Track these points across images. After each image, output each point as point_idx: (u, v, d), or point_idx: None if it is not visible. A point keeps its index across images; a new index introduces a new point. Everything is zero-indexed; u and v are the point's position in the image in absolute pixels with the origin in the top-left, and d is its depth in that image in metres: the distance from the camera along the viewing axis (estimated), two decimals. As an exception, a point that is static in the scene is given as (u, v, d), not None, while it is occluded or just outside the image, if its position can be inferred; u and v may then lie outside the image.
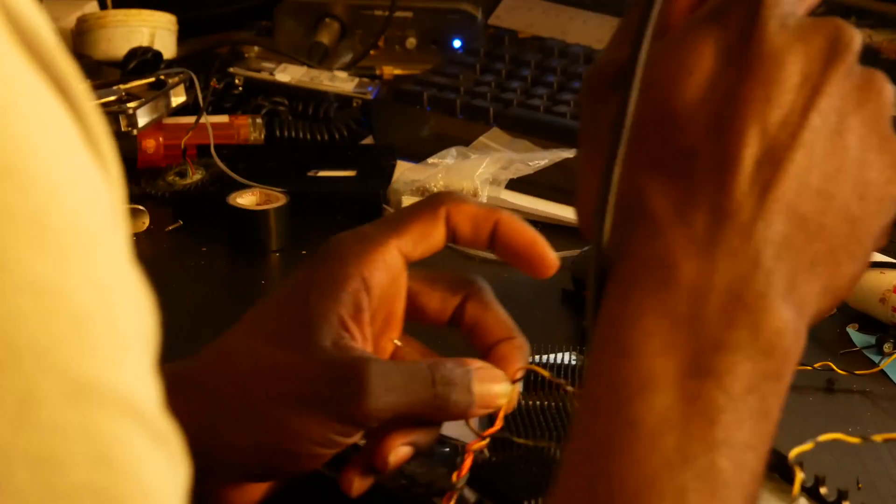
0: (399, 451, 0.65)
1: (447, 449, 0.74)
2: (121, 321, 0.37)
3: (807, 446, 0.68)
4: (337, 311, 0.64)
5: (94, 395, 0.35)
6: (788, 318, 0.47)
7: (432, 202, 0.68)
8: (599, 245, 0.48)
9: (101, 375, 0.36)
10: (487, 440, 0.67)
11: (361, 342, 0.65)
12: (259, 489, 0.67)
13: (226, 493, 0.66)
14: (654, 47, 0.48)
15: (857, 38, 0.49)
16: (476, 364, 0.66)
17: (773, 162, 0.47)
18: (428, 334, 0.71)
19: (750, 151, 0.47)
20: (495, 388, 0.65)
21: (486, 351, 0.69)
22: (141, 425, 0.37)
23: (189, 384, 0.65)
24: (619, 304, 0.48)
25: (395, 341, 0.70)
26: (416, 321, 0.71)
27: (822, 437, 0.69)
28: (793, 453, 0.67)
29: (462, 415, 0.65)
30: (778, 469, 0.72)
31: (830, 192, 0.48)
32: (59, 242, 0.35)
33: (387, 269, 0.66)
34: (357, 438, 0.65)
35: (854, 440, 0.70)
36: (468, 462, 0.66)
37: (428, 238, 0.67)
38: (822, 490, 0.69)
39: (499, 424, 0.67)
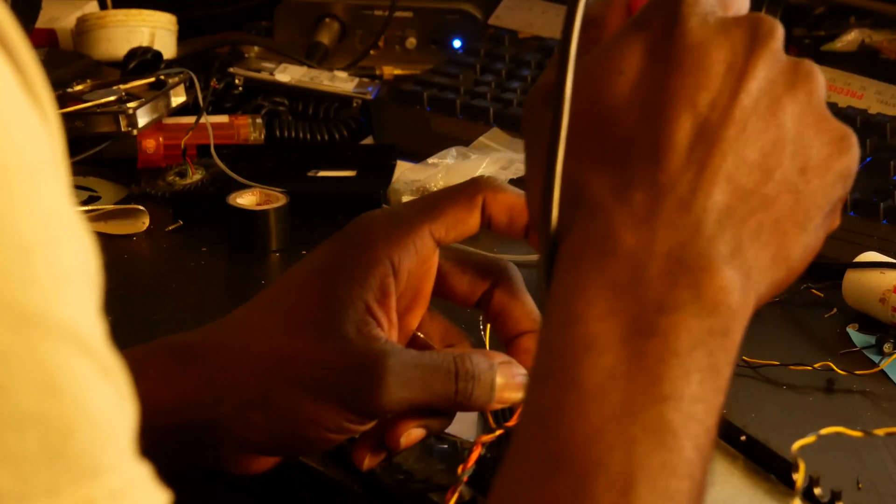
0: (412, 433, 0.66)
1: (445, 445, 0.74)
2: (62, 256, 0.38)
3: (808, 439, 0.68)
4: (363, 296, 0.64)
5: (38, 324, 0.36)
6: (733, 278, 0.49)
7: (470, 187, 0.68)
8: (547, 228, 0.51)
9: (44, 305, 0.37)
10: (501, 431, 0.67)
11: (387, 328, 0.65)
12: (272, 459, 0.68)
13: (240, 461, 0.67)
14: (584, 58, 0.52)
15: (777, 27, 0.52)
16: (499, 358, 0.66)
17: (707, 139, 0.50)
18: (453, 309, 0.71)
19: (682, 132, 0.50)
20: (516, 384, 0.66)
21: (509, 341, 0.69)
22: (87, 356, 0.38)
23: (200, 359, 0.66)
24: (563, 278, 0.50)
25: (419, 333, 0.70)
26: (444, 299, 0.71)
27: (825, 430, 0.69)
28: (795, 446, 0.67)
29: (480, 408, 0.66)
30: (775, 469, 0.72)
31: (769, 165, 0.50)
32: (1, 176, 0.36)
33: (417, 253, 0.66)
34: (369, 427, 0.65)
35: (856, 433, 0.70)
36: (476, 454, 0.66)
37: (462, 224, 0.67)
38: (817, 491, 0.69)
39: (516, 419, 0.67)
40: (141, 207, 1.07)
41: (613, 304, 0.49)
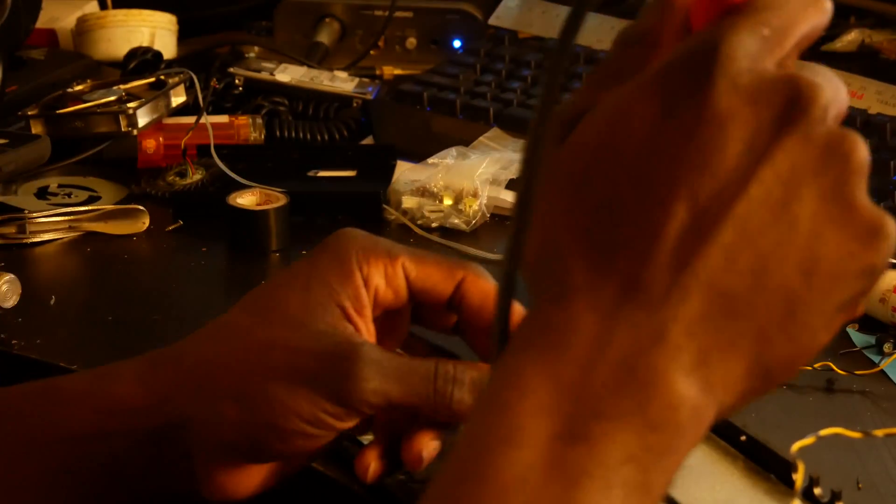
0: (430, 445, 0.66)
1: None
2: None
3: (808, 440, 0.68)
4: (340, 301, 0.64)
5: None
6: (687, 395, 0.44)
7: (455, 262, 0.68)
8: (507, 295, 0.47)
9: None
10: None
11: (367, 336, 0.65)
12: (252, 478, 0.66)
13: (217, 477, 0.65)
14: (604, 98, 0.46)
15: (822, 95, 0.44)
16: None
17: (698, 236, 0.44)
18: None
19: (675, 223, 0.44)
20: None
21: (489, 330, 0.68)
22: None
23: (176, 360, 0.65)
24: (510, 359, 0.46)
25: (398, 350, 0.70)
26: (425, 325, 0.70)
27: (824, 432, 0.69)
28: (794, 447, 0.67)
29: (466, 414, 0.65)
30: (775, 469, 0.72)
31: (765, 268, 0.44)
32: None
33: (387, 279, 0.66)
34: (351, 425, 0.64)
35: (856, 434, 0.70)
36: None
37: (433, 280, 0.67)
38: (817, 491, 0.69)
39: None
40: (141, 207, 1.07)
41: (550, 400, 0.44)
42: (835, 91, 0.45)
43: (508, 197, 1.08)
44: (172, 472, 0.66)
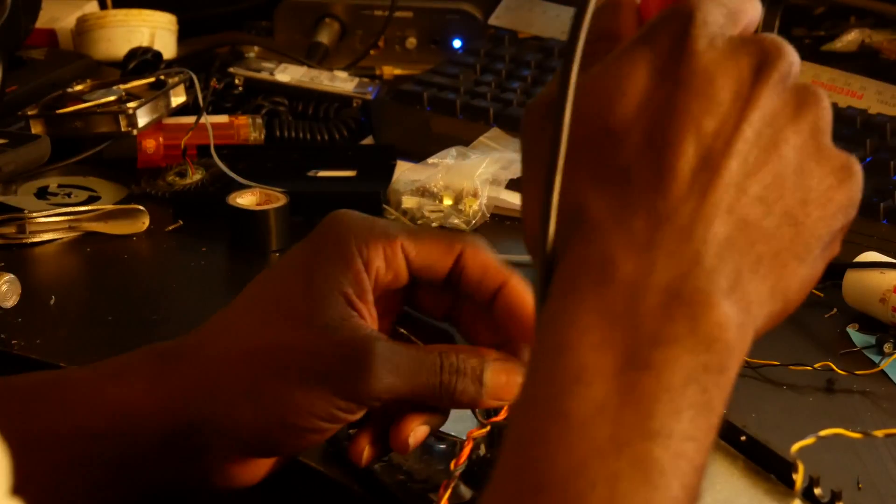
0: (417, 430, 0.66)
1: (444, 445, 0.74)
2: None
3: (808, 441, 0.68)
4: (342, 290, 0.65)
5: None
6: (731, 313, 0.48)
7: (453, 236, 0.68)
8: (544, 249, 0.50)
9: None
10: (489, 428, 0.67)
11: (370, 321, 0.65)
12: (261, 468, 0.68)
13: (228, 470, 0.66)
14: (589, 71, 0.51)
15: (785, 51, 0.51)
16: (493, 355, 0.66)
17: (710, 169, 0.49)
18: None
19: (686, 159, 0.49)
20: (509, 380, 0.66)
21: (490, 302, 0.68)
22: None
23: (186, 358, 0.66)
24: (557, 302, 0.49)
25: (401, 330, 0.70)
26: (417, 309, 0.71)
27: (824, 432, 0.69)
28: (794, 448, 0.67)
29: (470, 404, 0.66)
30: (775, 469, 0.72)
31: (770, 197, 0.50)
32: None
33: (387, 261, 0.66)
34: (359, 417, 0.65)
35: (856, 435, 0.70)
36: (467, 450, 0.66)
37: (432, 258, 0.67)
38: (817, 491, 0.69)
39: (503, 415, 0.67)
40: (141, 207, 1.07)
41: (607, 334, 0.47)
42: (794, 54, 0.52)
43: (508, 197, 1.08)
44: (184, 468, 0.66)
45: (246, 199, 1.05)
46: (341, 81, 1.29)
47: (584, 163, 0.50)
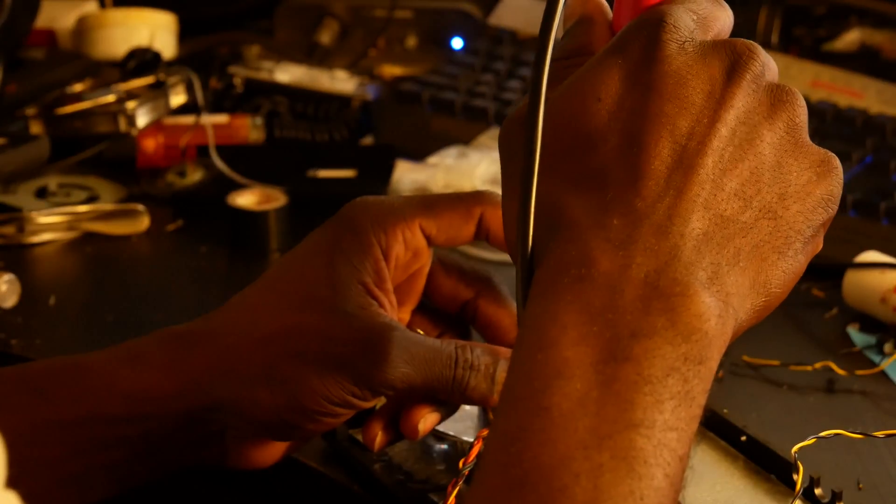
0: (428, 417, 0.67)
1: (445, 446, 0.74)
2: None
3: (808, 441, 0.68)
4: (361, 278, 0.65)
5: None
6: (710, 304, 0.49)
7: (470, 198, 0.69)
8: (524, 250, 0.51)
9: None
10: None
11: (388, 309, 0.66)
12: (277, 450, 0.69)
13: (244, 452, 0.68)
14: (565, 83, 0.53)
15: (756, 54, 0.52)
16: (507, 354, 0.66)
17: (685, 167, 0.50)
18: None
19: (661, 159, 0.50)
20: None
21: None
22: None
23: (204, 341, 0.66)
24: (538, 301, 0.50)
25: (417, 330, 0.70)
26: (428, 298, 0.71)
27: (825, 433, 0.69)
28: (795, 447, 0.67)
29: (480, 401, 0.66)
30: (775, 469, 0.72)
31: (748, 192, 0.51)
32: None
33: (405, 243, 0.67)
34: (373, 404, 0.66)
35: (856, 435, 0.70)
36: (476, 449, 0.66)
37: (454, 229, 0.68)
38: (818, 491, 0.69)
39: None
40: (141, 207, 1.07)
41: (587, 329, 0.48)
42: (767, 56, 0.53)
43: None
44: (201, 450, 0.67)
45: (246, 199, 1.05)
46: (341, 81, 1.29)
47: (562, 168, 0.51)
